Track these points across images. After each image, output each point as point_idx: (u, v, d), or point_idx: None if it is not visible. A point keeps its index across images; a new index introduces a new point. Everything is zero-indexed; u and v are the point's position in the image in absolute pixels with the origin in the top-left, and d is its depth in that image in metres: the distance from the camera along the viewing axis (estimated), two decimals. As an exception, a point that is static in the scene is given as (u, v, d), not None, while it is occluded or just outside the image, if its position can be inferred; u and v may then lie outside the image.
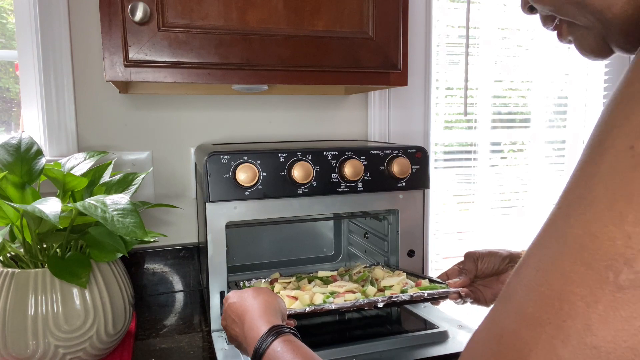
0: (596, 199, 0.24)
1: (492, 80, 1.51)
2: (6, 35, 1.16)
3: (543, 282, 0.25)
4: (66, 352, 0.76)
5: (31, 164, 0.80)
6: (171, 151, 1.16)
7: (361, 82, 0.95)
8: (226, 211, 0.86)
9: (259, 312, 0.64)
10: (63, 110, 1.06)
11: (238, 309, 0.68)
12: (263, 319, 0.62)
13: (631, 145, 0.23)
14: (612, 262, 0.22)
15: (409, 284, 0.87)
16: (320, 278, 0.94)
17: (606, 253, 0.23)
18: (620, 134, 0.24)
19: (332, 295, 0.82)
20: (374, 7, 0.91)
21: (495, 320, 0.27)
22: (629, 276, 0.22)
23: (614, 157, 0.24)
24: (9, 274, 0.75)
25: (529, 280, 0.26)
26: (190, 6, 0.82)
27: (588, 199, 0.24)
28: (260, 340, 0.59)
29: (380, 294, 0.82)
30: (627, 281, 0.22)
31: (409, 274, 0.94)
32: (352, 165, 0.89)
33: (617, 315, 0.22)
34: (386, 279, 0.89)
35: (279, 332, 0.59)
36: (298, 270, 1.14)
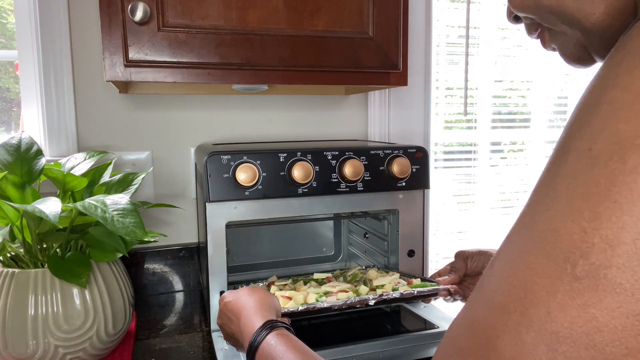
0: (558, 197, 0.26)
1: (492, 80, 1.51)
2: (6, 35, 1.16)
3: (511, 273, 0.27)
4: (66, 352, 0.76)
5: (31, 164, 0.80)
6: (171, 151, 1.16)
7: (361, 82, 0.95)
8: (226, 211, 0.86)
9: (254, 309, 0.66)
10: (63, 110, 1.06)
11: (234, 306, 0.70)
12: (258, 315, 0.64)
13: (589, 148, 0.25)
14: (570, 255, 0.24)
15: (401, 283, 0.88)
16: (316, 280, 0.96)
17: (565, 246, 0.25)
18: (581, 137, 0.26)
19: (325, 295, 0.83)
20: (374, 7, 0.91)
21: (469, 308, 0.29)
22: (584, 267, 0.24)
23: (575, 158, 0.26)
24: (9, 274, 0.75)
25: (499, 271, 0.28)
26: (190, 6, 0.82)
27: (551, 197, 0.27)
28: (255, 335, 0.61)
29: (373, 292, 0.83)
30: (582, 272, 0.24)
31: (403, 274, 0.95)
32: (352, 165, 0.89)
33: (574, 304, 0.24)
34: (379, 279, 0.90)
35: (273, 326, 0.61)
36: (298, 270, 1.14)
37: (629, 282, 0.23)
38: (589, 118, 0.26)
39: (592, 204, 0.24)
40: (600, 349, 0.23)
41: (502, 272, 0.28)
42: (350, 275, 0.98)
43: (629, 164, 0.23)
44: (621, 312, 0.23)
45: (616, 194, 0.23)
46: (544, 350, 0.24)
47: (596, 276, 0.23)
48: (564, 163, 0.27)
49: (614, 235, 0.23)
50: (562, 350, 0.24)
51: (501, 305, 0.27)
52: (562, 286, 0.24)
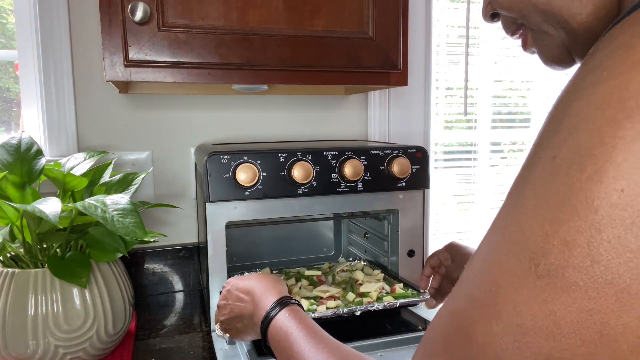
0: (526, 202, 0.28)
1: (492, 80, 1.51)
2: (6, 35, 1.16)
3: (486, 270, 0.30)
4: (66, 352, 0.76)
5: (31, 164, 0.80)
6: (171, 151, 1.16)
7: (361, 82, 0.95)
8: (226, 211, 0.86)
9: (267, 287, 0.69)
10: (63, 110, 1.06)
11: (246, 286, 0.71)
12: (272, 292, 0.67)
13: (554, 156, 0.27)
14: (533, 255, 0.27)
15: (385, 289, 0.93)
16: (307, 277, 1.01)
17: (530, 247, 0.27)
18: (548, 146, 0.28)
19: (316, 301, 0.87)
20: (374, 7, 0.91)
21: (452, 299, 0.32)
22: (546, 267, 0.26)
23: (541, 166, 0.28)
24: (9, 274, 0.75)
25: (476, 268, 0.31)
26: (190, 6, 0.82)
27: (521, 201, 0.29)
28: (269, 309, 0.64)
29: (359, 300, 0.88)
30: (544, 271, 0.26)
31: (387, 276, 1.00)
32: (352, 165, 0.89)
33: (536, 299, 0.26)
34: (365, 285, 0.94)
35: (287, 302, 0.65)
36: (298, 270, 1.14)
37: (583, 281, 0.25)
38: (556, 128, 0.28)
39: (553, 209, 0.26)
40: (558, 340, 0.25)
41: (478, 268, 0.31)
42: (339, 272, 1.04)
43: (586, 173, 0.25)
44: (576, 307, 0.25)
45: (573, 200, 0.25)
46: (511, 340, 0.27)
47: (555, 275, 0.26)
48: (532, 170, 0.29)
49: (570, 238, 0.25)
50: (526, 341, 0.26)
51: (476, 298, 0.29)
52: (526, 283, 0.27)
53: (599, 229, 0.24)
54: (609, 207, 0.24)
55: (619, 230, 0.24)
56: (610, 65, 0.26)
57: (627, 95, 0.25)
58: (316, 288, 0.93)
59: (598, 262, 0.24)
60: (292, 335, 0.59)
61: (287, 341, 0.59)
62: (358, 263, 1.12)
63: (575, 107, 0.27)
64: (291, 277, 1.01)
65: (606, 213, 0.24)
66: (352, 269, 1.08)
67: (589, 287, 0.24)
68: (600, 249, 0.24)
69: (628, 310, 0.24)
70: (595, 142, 0.25)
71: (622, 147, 0.24)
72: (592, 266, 0.24)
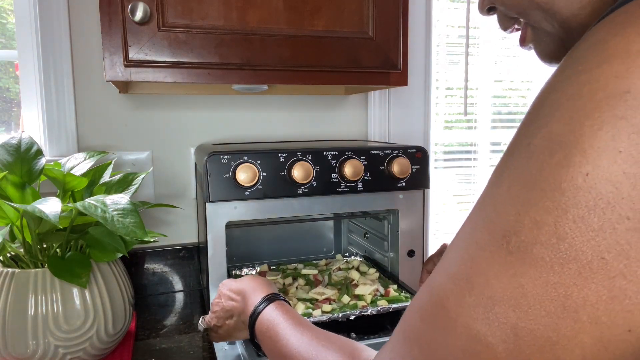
0: (502, 184, 0.31)
1: (492, 80, 1.51)
2: (6, 35, 1.16)
3: (463, 247, 0.32)
4: (66, 352, 0.76)
5: (31, 164, 0.80)
6: (171, 151, 1.16)
7: (361, 82, 0.95)
8: (226, 211, 0.86)
9: (256, 287, 0.72)
10: (63, 110, 1.06)
11: (238, 287, 0.75)
12: (260, 291, 0.71)
13: (529, 143, 0.29)
14: (506, 233, 0.29)
15: (379, 292, 0.94)
16: (304, 276, 1.03)
17: (503, 226, 0.29)
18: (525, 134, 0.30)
19: (312, 304, 0.89)
20: (374, 7, 0.91)
21: (432, 276, 0.34)
22: (516, 244, 0.28)
23: (518, 152, 0.30)
24: (9, 274, 0.75)
25: (455, 246, 0.33)
26: (190, 6, 0.82)
27: (497, 184, 0.31)
28: (256, 305, 0.68)
29: (354, 302, 0.89)
30: (514, 247, 0.28)
31: (382, 276, 1.02)
32: (352, 165, 0.89)
33: (507, 273, 0.28)
34: (360, 287, 0.95)
35: (273, 298, 0.68)
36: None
37: (549, 257, 0.27)
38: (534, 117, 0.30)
39: (525, 190, 0.28)
40: (524, 310, 0.27)
41: (457, 246, 0.33)
42: (335, 270, 1.07)
43: (555, 158, 0.27)
44: (542, 281, 0.27)
45: (544, 182, 0.27)
46: (481, 311, 0.29)
47: (525, 251, 0.28)
48: (510, 156, 0.31)
49: (539, 218, 0.27)
50: (495, 311, 0.28)
51: (453, 273, 0.32)
52: (498, 258, 0.29)
53: (565, 209, 0.26)
54: (575, 189, 0.26)
55: (583, 211, 0.26)
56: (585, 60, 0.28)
57: (597, 87, 0.26)
58: (312, 289, 0.95)
59: (563, 240, 0.26)
60: (279, 326, 0.62)
61: (273, 331, 0.62)
62: (354, 260, 1.13)
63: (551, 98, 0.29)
64: (289, 276, 1.02)
65: (572, 195, 0.26)
66: (348, 266, 1.09)
67: (555, 262, 0.26)
68: (566, 228, 0.26)
69: (589, 284, 0.26)
70: (565, 130, 0.27)
71: (589, 135, 0.26)
72: (557, 243, 0.26)
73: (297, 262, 1.13)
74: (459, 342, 0.30)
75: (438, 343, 0.31)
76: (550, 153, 0.28)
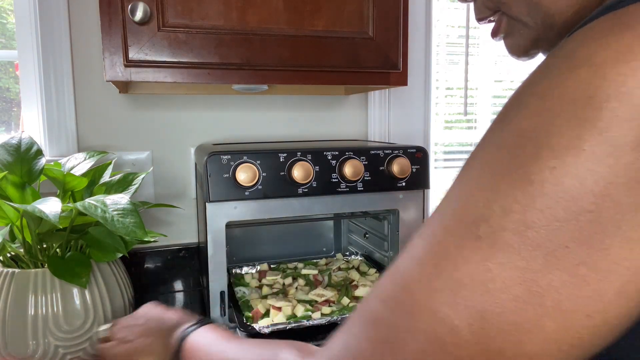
0: (473, 171, 0.32)
1: (492, 80, 1.51)
2: (6, 35, 1.16)
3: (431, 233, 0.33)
4: (66, 352, 0.76)
5: (31, 164, 0.80)
6: (171, 151, 1.16)
7: (361, 82, 0.95)
8: (226, 211, 0.86)
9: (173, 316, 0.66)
10: (63, 110, 1.06)
11: (141, 315, 0.68)
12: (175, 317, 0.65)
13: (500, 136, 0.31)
14: (475, 219, 0.30)
15: None
16: (304, 276, 1.03)
17: (473, 212, 0.30)
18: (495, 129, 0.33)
19: (311, 306, 0.89)
20: (374, 7, 0.91)
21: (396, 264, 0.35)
22: (486, 230, 0.29)
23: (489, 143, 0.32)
24: (9, 274, 0.75)
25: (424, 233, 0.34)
26: (190, 6, 0.82)
27: (468, 173, 0.33)
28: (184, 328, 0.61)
29: (354, 304, 0.90)
30: (484, 233, 0.29)
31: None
32: (352, 165, 0.89)
33: (475, 258, 0.29)
34: (359, 289, 0.95)
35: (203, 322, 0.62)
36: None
37: (517, 243, 0.28)
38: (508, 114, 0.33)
39: (495, 180, 0.30)
40: (492, 294, 0.28)
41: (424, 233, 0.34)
42: (335, 270, 1.07)
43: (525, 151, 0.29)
44: (509, 266, 0.28)
45: (514, 173, 0.29)
46: (448, 294, 0.29)
47: (494, 237, 0.29)
48: (482, 149, 0.33)
49: (509, 206, 0.29)
50: (462, 295, 0.29)
51: (420, 258, 0.32)
52: (467, 243, 0.30)
53: (533, 199, 0.28)
54: (542, 181, 0.28)
55: (549, 202, 0.27)
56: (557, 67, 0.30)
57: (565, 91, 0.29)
58: (312, 290, 0.95)
59: (531, 228, 0.28)
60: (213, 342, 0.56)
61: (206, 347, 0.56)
62: (354, 259, 1.13)
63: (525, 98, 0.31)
64: (289, 276, 1.02)
65: (540, 186, 0.28)
66: (349, 266, 1.09)
67: (522, 249, 0.28)
68: (534, 217, 0.28)
69: (553, 270, 0.27)
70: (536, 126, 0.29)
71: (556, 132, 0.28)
72: (525, 231, 0.28)
73: (297, 262, 1.14)
74: (423, 325, 0.30)
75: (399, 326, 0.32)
76: (520, 146, 0.29)
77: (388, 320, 0.32)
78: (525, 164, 0.29)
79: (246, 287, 0.99)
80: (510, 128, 0.31)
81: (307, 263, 1.13)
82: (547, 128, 0.29)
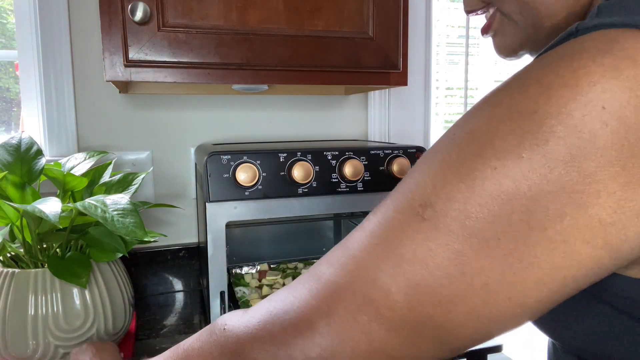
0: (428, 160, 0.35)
1: (492, 80, 1.51)
2: (6, 35, 1.16)
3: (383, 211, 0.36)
4: (66, 352, 0.76)
5: (31, 164, 0.80)
6: (171, 151, 1.16)
7: (361, 82, 0.95)
8: (226, 211, 0.86)
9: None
10: (63, 110, 1.06)
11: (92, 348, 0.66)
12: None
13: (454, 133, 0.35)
14: (422, 202, 0.33)
15: None
16: None
17: (422, 196, 0.33)
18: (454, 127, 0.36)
19: None
20: (374, 7, 0.91)
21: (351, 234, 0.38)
22: (430, 213, 0.32)
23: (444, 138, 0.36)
24: (9, 274, 0.75)
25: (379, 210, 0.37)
26: (190, 6, 0.82)
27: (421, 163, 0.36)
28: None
29: None
30: (429, 216, 0.32)
31: None
32: (352, 165, 0.89)
33: (419, 237, 0.32)
34: None
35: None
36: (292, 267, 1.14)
37: (457, 229, 0.31)
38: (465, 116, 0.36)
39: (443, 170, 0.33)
40: (429, 270, 0.32)
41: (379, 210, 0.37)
42: None
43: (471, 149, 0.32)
44: (448, 248, 0.31)
45: (460, 167, 0.32)
46: (391, 266, 0.33)
47: (437, 220, 0.32)
48: (440, 141, 0.36)
49: (452, 195, 0.32)
50: (403, 267, 0.33)
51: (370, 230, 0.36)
52: (413, 223, 0.33)
53: (474, 193, 0.31)
54: (484, 178, 0.31)
55: (487, 198, 0.31)
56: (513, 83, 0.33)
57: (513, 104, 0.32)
58: None
59: (469, 218, 0.31)
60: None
61: None
62: None
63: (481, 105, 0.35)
64: (288, 276, 1.02)
65: (481, 182, 0.31)
66: None
67: (460, 235, 0.31)
68: (473, 208, 0.31)
69: (485, 257, 0.31)
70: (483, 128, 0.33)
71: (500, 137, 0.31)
72: (464, 220, 0.31)
73: (297, 262, 1.14)
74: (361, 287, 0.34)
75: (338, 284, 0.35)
76: (469, 144, 0.33)
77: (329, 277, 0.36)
78: (472, 160, 0.32)
79: (246, 287, 0.99)
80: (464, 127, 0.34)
81: (307, 263, 1.13)
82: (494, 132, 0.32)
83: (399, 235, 0.34)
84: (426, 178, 0.34)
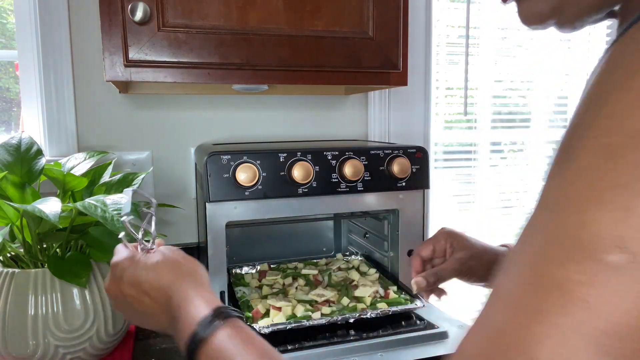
0: (576, 191, 0.25)
1: (492, 80, 1.51)
2: (6, 35, 1.16)
3: (533, 274, 0.26)
4: (66, 352, 0.76)
5: (31, 164, 0.80)
6: (171, 151, 1.16)
7: (361, 82, 0.95)
8: (226, 211, 0.86)
9: (188, 286, 0.52)
10: (63, 110, 1.06)
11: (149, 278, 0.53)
12: (198, 297, 0.51)
13: (604, 142, 0.25)
14: (605, 246, 0.23)
15: (379, 293, 0.94)
16: (304, 276, 1.03)
17: (600, 237, 0.24)
18: (591, 134, 0.26)
19: (311, 306, 0.89)
20: (374, 7, 0.91)
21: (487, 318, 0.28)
22: (625, 255, 0.23)
23: (588, 153, 0.25)
24: (9, 274, 0.75)
25: (517, 274, 0.27)
26: (190, 6, 0.82)
27: (568, 193, 0.26)
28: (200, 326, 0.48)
29: (353, 305, 0.89)
30: (623, 260, 0.23)
31: (382, 276, 1.03)
32: (352, 165, 0.89)
33: (617, 293, 0.23)
34: (359, 289, 0.94)
35: (226, 315, 0.49)
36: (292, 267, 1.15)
37: None
38: (595, 117, 0.26)
39: (619, 194, 0.23)
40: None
41: (521, 274, 0.27)
42: (336, 270, 1.07)
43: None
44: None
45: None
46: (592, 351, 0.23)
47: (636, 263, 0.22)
48: (574, 161, 0.26)
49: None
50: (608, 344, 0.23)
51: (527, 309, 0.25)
52: (600, 277, 0.23)
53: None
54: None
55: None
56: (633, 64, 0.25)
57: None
58: (312, 290, 0.95)
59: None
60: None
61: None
62: (354, 259, 1.13)
63: (615, 95, 0.26)
64: (289, 276, 1.02)
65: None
66: (349, 266, 1.09)
67: None
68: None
69: None
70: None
71: None
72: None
73: (297, 262, 1.14)
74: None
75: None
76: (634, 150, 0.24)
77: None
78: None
79: (246, 287, 0.99)
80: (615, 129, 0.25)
81: (307, 263, 1.13)
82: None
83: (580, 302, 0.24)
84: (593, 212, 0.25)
